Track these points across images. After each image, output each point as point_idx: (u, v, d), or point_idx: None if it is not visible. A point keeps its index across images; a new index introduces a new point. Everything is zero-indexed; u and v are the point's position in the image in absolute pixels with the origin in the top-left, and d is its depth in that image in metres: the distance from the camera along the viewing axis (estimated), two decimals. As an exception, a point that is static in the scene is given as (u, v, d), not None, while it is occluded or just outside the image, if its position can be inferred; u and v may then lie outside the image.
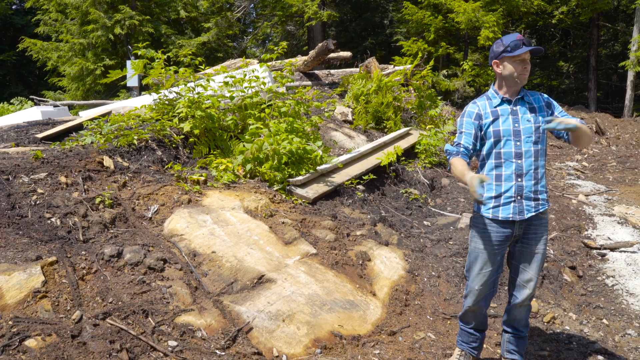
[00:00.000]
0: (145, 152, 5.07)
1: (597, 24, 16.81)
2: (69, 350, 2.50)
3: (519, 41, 2.76)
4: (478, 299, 2.98)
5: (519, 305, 2.98)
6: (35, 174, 4.02)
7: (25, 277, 2.83)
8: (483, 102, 2.96)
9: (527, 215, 2.84)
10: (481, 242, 2.93)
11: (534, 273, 2.91)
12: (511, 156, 2.85)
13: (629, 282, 4.44)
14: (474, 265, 2.98)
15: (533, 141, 2.84)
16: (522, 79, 2.83)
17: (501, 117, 2.88)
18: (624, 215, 5.86)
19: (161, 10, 17.71)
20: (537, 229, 2.88)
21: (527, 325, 3.06)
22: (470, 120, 2.93)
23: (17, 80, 24.52)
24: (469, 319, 3.10)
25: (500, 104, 2.90)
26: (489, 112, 2.91)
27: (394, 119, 8.20)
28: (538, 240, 2.88)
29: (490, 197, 2.87)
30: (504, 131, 2.86)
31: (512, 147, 2.85)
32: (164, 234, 3.80)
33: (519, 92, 2.89)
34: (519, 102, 2.89)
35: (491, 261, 2.92)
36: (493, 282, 2.98)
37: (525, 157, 2.84)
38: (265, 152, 5.05)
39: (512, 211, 2.84)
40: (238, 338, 2.93)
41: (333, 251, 4.09)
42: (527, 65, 2.82)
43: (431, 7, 15.51)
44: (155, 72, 5.92)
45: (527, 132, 2.84)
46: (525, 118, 2.85)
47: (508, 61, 2.83)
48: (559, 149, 10.68)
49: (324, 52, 10.26)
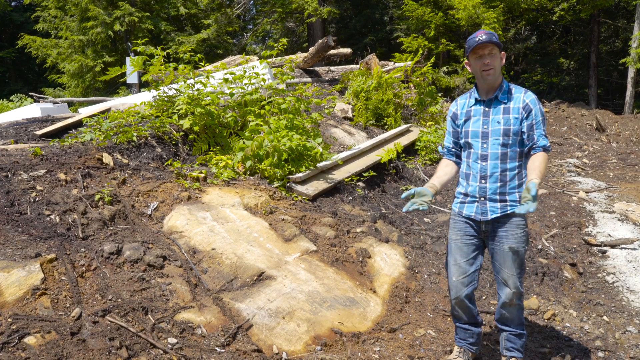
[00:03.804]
0: (144, 149, 5.05)
1: (597, 21, 16.77)
2: (68, 348, 2.49)
3: (477, 39, 2.72)
4: (458, 291, 3.00)
5: (507, 304, 2.93)
6: (35, 171, 4.01)
7: (24, 274, 2.82)
8: (464, 100, 3.00)
9: (490, 216, 2.87)
10: (453, 234, 3.04)
11: (509, 271, 2.87)
12: (477, 157, 2.88)
13: (630, 279, 4.44)
14: (449, 257, 3.06)
15: (501, 144, 2.80)
16: (485, 76, 2.77)
17: (473, 118, 2.90)
18: (625, 212, 5.85)
19: (161, 6, 17.67)
20: (506, 227, 2.85)
21: (521, 323, 3.00)
22: (449, 120, 3.05)
23: (17, 77, 24.49)
24: (457, 313, 3.10)
25: (475, 104, 2.91)
26: (463, 112, 2.95)
27: (394, 116, 8.18)
28: (509, 239, 2.85)
29: (460, 193, 3.01)
30: (473, 132, 2.89)
31: (478, 148, 2.87)
32: (163, 231, 3.79)
33: (495, 89, 2.83)
34: (494, 102, 2.84)
35: (463, 253, 2.98)
36: (471, 275, 2.98)
37: (491, 160, 2.83)
38: (265, 149, 5.04)
39: (474, 211, 2.91)
40: (238, 335, 2.93)
41: (333, 248, 4.08)
42: (486, 60, 2.75)
43: (431, 4, 15.47)
44: (155, 69, 5.90)
45: (495, 134, 2.81)
46: (495, 120, 2.82)
47: (471, 60, 2.82)
48: (560, 145, 10.67)
49: (324, 49, 10.23)
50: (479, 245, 2.99)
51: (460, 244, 2.99)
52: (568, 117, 13.45)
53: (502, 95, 2.83)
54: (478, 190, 2.88)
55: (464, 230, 2.98)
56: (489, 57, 2.75)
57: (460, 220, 3.00)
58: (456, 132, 3.02)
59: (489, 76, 2.77)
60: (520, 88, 2.87)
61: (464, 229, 2.98)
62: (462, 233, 2.98)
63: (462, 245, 2.99)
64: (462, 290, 2.98)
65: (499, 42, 2.75)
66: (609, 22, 18.42)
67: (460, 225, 3.00)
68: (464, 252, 2.98)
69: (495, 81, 2.81)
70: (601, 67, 18.90)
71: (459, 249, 3.00)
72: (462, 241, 2.98)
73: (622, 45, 18.94)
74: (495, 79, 2.80)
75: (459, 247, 3.00)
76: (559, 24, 18.43)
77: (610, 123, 12.66)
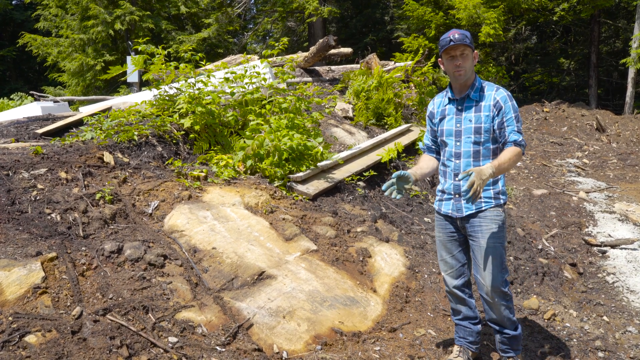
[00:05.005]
0: (145, 148, 5.06)
1: (598, 21, 16.75)
2: (69, 346, 2.49)
3: (448, 39, 2.73)
4: (449, 284, 3.09)
5: (490, 304, 2.89)
6: (35, 170, 4.01)
7: (25, 272, 2.83)
8: (439, 99, 3.04)
9: (465, 212, 2.90)
10: (437, 231, 3.12)
11: (486, 268, 2.84)
12: (451, 155, 2.93)
13: (630, 279, 4.44)
14: (438, 253, 3.16)
15: (473, 141, 2.83)
16: (457, 76, 2.80)
17: (447, 117, 2.94)
18: (625, 212, 5.86)
19: (161, 5, 17.66)
20: (481, 223, 2.86)
21: (513, 323, 2.95)
22: (427, 118, 3.12)
23: (17, 76, 24.49)
24: (454, 305, 3.13)
25: (448, 103, 2.95)
26: (439, 111, 3.00)
27: (395, 116, 8.18)
28: (484, 234, 2.85)
29: (439, 191, 3.06)
30: (447, 131, 2.93)
31: (452, 147, 2.92)
32: (164, 230, 3.79)
33: (467, 88, 2.85)
34: (466, 100, 2.87)
35: (447, 249, 3.06)
36: (458, 269, 3.05)
37: (463, 157, 2.87)
38: (266, 149, 5.04)
39: (450, 208, 2.97)
40: (238, 334, 2.93)
41: (333, 247, 4.08)
42: (458, 62, 2.76)
43: (432, 4, 15.47)
44: (156, 68, 5.91)
45: (467, 132, 2.85)
46: (467, 118, 2.85)
47: (444, 59, 2.85)
48: (560, 145, 10.66)
49: (325, 48, 10.23)
50: (462, 240, 3.03)
51: (443, 241, 3.07)
52: (568, 117, 13.45)
53: (474, 93, 2.85)
54: (453, 188, 2.94)
55: (445, 227, 3.05)
56: (461, 58, 2.77)
57: (440, 218, 3.07)
58: (434, 130, 3.07)
59: (460, 76, 2.81)
60: (492, 85, 2.87)
61: (445, 226, 3.05)
62: (444, 230, 3.05)
63: (446, 242, 3.06)
64: (452, 282, 3.07)
65: (471, 43, 2.77)
66: (609, 23, 18.41)
67: (441, 223, 3.07)
68: (448, 249, 3.06)
69: (468, 80, 2.84)
70: (601, 67, 18.89)
71: (444, 245, 3.07)
72: (445, 238, 3.06)
73: (623, 46, 18.93)
74: (467, 78, 2.83)
75: (443, 244, 3.07)
76: (559, 24, 18.43)
77: (610, 123, 12.66)
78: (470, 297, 3.10)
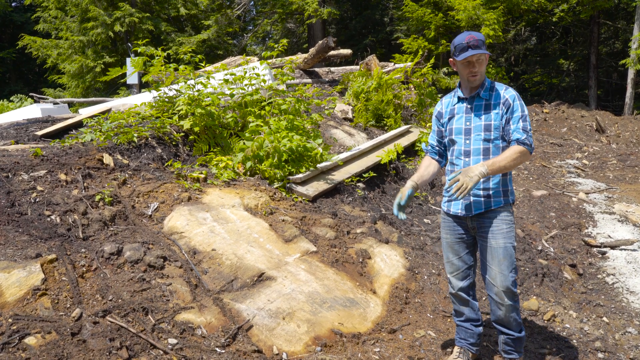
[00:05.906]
0: (145, 150, 5.06)
1: (597, 22, 16.78)
2: (68, 348, 2.49)
3: (465, 44, 2.74)
4: (454, 286, 3.07)
5: (499, 304, 2.88)
6: (35, 172, 4.01)
7: (24, 274, 2.83)
8: (448, 99, 3.06)
9: (475, 212, 2.90)
10: (444, 232, 3.11)
11: (496, 268, 2.84)
12: (460, 153, 2.93)
13: (629, 280, 4.44)
14: (444, 254, 3.13)
15: (483, 139, 2.85)
16: (471, 81, 2.83)
17: (457, 116, 2.95)
18: (625, 213, 5.86)
19: (161, 7, 17.69)
20: (492, 222, 2.86)
21: (519, 325, 2.94)
22: (434, 118, 3.11)
23: (17, 78, 24.51)
24: (457, 307, 3.13)
25: (458, 102, 2.97)
26: (448, 111, 3.01)
27: (394, 117, 8.19)
28: (494, 234, 2.85)
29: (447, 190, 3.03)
30: (456, 129, 2.94)
31: (462, 145, 2.92)
32: (164, 232, 3.80)
33: (477, 87, 2.87)
34: (475, 99, 2.89)
35: (454, 250, 3.05)
36: (464, 271, 3.04)
37: (473, 155, 2.87)
38: (265, 150, 5.04)
39: (460, 207, 2.95)
40: (238, 336, 2.93)
41: (333, 249, 4.08)
42: (473, 68, 2.79)
43: (431, 5, 15.48)
44: (155, 70, 5.91)
45: (477, 129, 2.86)
46: (477, 116, 2.87)
47: (457, 63, 2.85)
48: (559, 146, 10.67)
49: (324, 50, 10.24)
50: (470, 242, 3.02)
51: (450, 242, 3.05)
52: (568, 118, 13.46)
53: (484, 92, 2.87)
54: None
55: (452, 228, 3.03)
56: (477, 63, 2.79)
57: (448, 219, 3.05)
58: (440, 130, 3.08)
59: (474, 81, 2.84)
60: (502, 85, 2.90)
61: (452, 227, 3.03)
62: (452, 231, 3.03)
63: (453, 243, 3.04)
64: (457, 284, 3.06)
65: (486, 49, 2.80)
66: (608, 24, 18.44)
67: (449, 224, 3.05)
68: (455, 250, 3.04)
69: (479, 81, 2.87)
70: (601, 68, 18.92)
71: (450, 247, 3.06)
72: (453, 240, 3.04)
73: (622, 47, 18.96)
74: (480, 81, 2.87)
75: (450, 246, 3.06)
76: (558, 25, 18.46)
77: (610, 124, 12.67)
78: (474, 299, 3.10)
